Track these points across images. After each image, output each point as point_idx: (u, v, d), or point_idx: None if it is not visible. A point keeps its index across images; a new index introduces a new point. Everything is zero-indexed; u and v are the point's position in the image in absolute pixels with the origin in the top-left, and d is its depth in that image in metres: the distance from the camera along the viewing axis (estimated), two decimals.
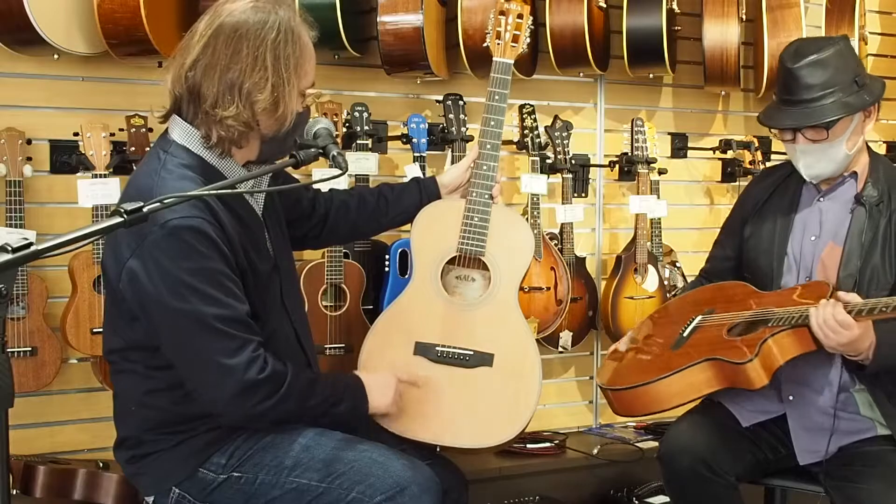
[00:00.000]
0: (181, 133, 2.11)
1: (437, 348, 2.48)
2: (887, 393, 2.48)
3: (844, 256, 2.51)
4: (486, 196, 2.57)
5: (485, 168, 2.59)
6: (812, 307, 2.32)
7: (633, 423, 3.90)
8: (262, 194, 2.23)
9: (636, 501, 3.49)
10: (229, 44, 2.03)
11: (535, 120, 3.55)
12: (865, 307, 2.26)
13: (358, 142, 3.22)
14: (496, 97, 2.63)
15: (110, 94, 3.10)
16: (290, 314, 2.27)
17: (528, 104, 3.58)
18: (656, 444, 3.50)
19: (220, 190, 1.97)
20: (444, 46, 3.39)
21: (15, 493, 2.70)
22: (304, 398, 2.12)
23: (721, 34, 3.74)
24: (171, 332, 2.02)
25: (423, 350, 2.47)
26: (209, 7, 2.12)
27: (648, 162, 3.72)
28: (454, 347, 2.48)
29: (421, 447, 2.39)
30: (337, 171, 2.14)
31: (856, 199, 2.55)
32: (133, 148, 2.95)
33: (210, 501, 2.14)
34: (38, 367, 2.89)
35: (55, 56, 2.87)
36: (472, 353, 2.48)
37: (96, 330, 2.85)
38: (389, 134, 3.48)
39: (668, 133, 4.04)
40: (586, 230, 3.88)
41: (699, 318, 2.59)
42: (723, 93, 4.02)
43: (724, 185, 4.14)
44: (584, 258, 3.70)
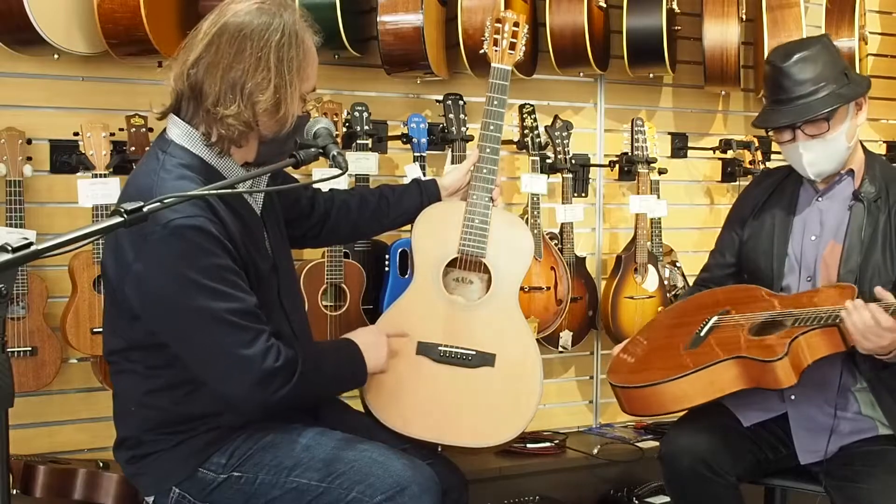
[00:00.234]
0: (180, 133, 2.11)
1: (439, 348, 2.48)
2: (889, 391, 2.47)
3: (844, 253, 2.50)
4: (487, 199, 2.59)
5: (485, 171, 2.60)
6: (843, 308, 2.28)
7: (634, 423, 3.90)
8: (261, 194, 2.23)
9: (636, 501, 3.49)
10: (233, 43, 2.04)
11: (535, 120, 3.55)
12: None
13: (358, 141, 3.22)
14: (495, 102, 2.65)
15: (110, 94, 3.10)
16: (289, 314, 2.27)
17: (528, 104, 3.58)
18: (656, 443, 3.51)
19: (220, 189, 1.97)
20: (444, 46, 3.39)
21: (15, 492, 2.70)
22: (315, 379, 2.16)
23: (721, 34, 3.74)
24: (184, 330, 2.02)
25: (425, 350, 2.48)
26: (209, 7, 2.13)
27: (648, 162, 3.72)
28: (457, 347, 2.49)
29: (422, 447, 2.39)
30: (337, 171, 2.14)
31: (854, 195, 2.55)
32: (133, 148, 2.95)
33: (210, 501, 2.14)
34: (38, 366, 2.89)
35: (55, 56, 2.87)
36: (474, 353, 2.48)
37: (96, 330, 2.85)
38: (389, 134, 3.48)
39: (668, 133, 4.04)
40: (586, 230, 3.88)
41: (715, 318, 2.56)
42: (723, 93, 4.02)
43: (724, 184, 4.14)
44: (584, 258, 3.70)
